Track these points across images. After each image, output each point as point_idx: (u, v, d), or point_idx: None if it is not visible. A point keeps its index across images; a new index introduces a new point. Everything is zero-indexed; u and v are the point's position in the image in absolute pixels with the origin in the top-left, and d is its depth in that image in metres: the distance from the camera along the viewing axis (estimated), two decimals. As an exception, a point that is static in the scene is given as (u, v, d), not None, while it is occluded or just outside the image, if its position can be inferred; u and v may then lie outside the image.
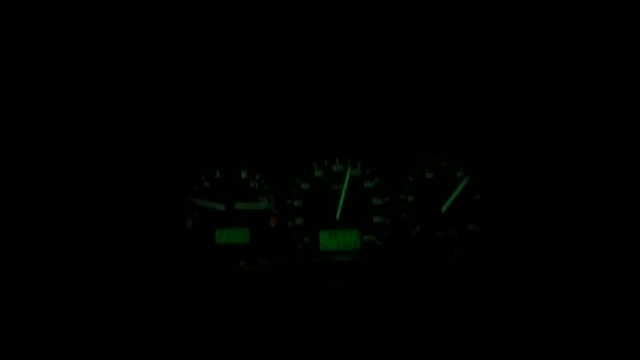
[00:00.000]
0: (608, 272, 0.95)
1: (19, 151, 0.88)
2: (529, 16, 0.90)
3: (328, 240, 1.15)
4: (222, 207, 1.15)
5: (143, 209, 1.07)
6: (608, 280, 0.95)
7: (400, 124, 1.12)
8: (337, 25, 0.96)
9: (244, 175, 1.17)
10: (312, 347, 0.89)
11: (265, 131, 1.14)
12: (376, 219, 1.15)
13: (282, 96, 1.09)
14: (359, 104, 1.11)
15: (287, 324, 0.93)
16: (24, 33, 0.82)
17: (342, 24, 0.96)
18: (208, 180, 1.16)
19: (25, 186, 0.89)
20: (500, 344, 0.89)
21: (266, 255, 1.13)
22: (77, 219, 0.96)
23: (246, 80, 1.06)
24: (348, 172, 1.16)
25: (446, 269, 1.10)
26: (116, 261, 1.00)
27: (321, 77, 1.06)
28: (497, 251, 1.12)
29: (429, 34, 0.98)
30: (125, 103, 1.02)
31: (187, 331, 0.92)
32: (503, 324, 0.92)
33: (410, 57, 1.03)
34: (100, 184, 1.00)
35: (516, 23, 0.92)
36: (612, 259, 0.96)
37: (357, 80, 1.08)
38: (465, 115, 1.10)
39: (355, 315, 0.94)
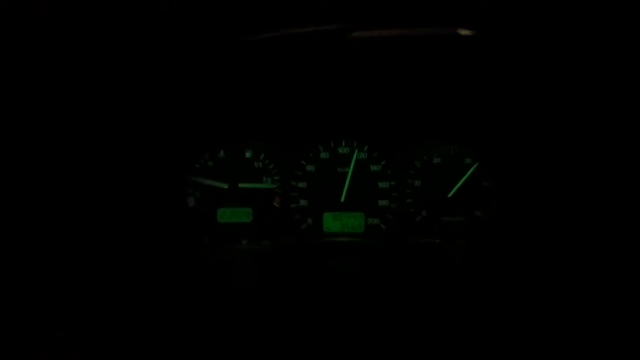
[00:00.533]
0: (612, 262, 0.94)
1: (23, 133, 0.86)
2: (532, 11, 0.89)
3: (332, 223, 1.13)
4: (225, 186, 1.13)
5: (146, 186, 1.06)
6: (612, 270, 0.93)
7: (409, 109, 1.11)
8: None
9: (248, 155, 1.15)
10: (313, 328, 0.88)
11: (272, 112, 1.12)
12: (382, 203, 1.14)
13: (291, 78, 1.08)
14: (369, 88, 1.09)
15: (288, 304, 0.91)
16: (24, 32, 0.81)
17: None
18: (212, 160, 1.15)
19: (26, 163, 0.88)
20: (501, 332, 0.88)
21: (269, 236, 1.12)
22: (81, 196, 0.95)
23: (255, 62, 1.05)
24: (355, 155, 1.14)
25: (451, 254, 1.09)
26: (119, 239, 0.98)
27: (332, 60, 1.05)
28: (503, 239, 1.10)
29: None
30: (132, 83, 1.00)
31: (189, 310, 0.91)
32: (505, 312, 0.91)
33: (420, 46, 1.02)
34: (105, 163, 0.99)
35: (521, 19, 0.91)
36: (617, 250, 0.94)
37: (368, 64, 1.06)
38: (475, 102, 1.09)
39: (356, 297, 0.92)
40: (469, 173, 1.13)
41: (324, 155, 1.15)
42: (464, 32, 1.04)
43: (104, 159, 0.99)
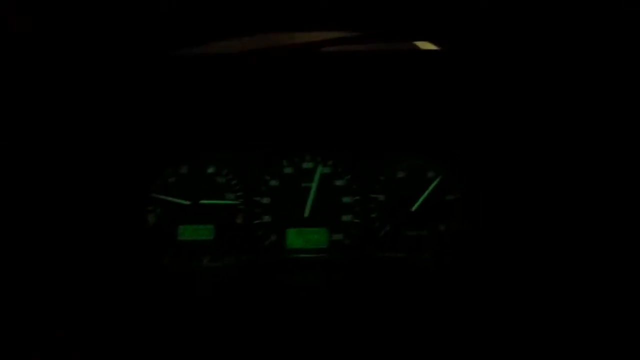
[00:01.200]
0: (584, 275, 0.94)
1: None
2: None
3: (295, 238, 1.12)
4: (186, 202, 1.11)
5: (105, 202, 1.04)
6: (584, 283, 0.94)
7: (373, 122, 1.11)
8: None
9: (211, 170, 1.13)
10: (276, 344, 0.86)
11: (234, 127, 1.11)
12: (345, 218, 1.13)
13: (254, 92, 1.07)
14: (331, 102, 1.09)
15: (251, 322, 0.89)
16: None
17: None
18: (173, 175, 1.13)
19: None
20: (469, 345, 0.87)
21: (231, 252, 1.10)
22: (36, 211, 0.92)
23: (220, 76, 1.04)
24: (319, 169, 1.13)
25: (415, 268, 1.08)
26: (77, 256, 0.96)
27: (295, 73, 1.05)
28: (468, 251, 1.10)
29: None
30: (90, 96, 0.98)
31: (149, 330, 0.88)
32: (472, 326, 0.90)
33: (382, 57, 1.02)
34: (62, 176, 0.97)
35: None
36: (590, 262, 0.95)
37: (329, 78, 1.06)
38: (438, 115, 1.09)
39: (320, 312, 0.91)
40: (432, 186, 1.12)
41: (287, 170, 1.14)
42: (428, 47, 1.05)
43: (62, 180, 0.97)
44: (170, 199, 1.11)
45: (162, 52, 0.98)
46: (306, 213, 1.12)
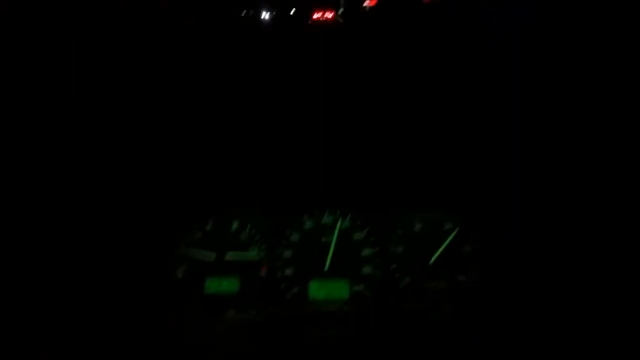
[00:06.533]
0: (607, 318, 0.95)
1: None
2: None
3: (317, 290, 1.15)
4: (212, 257, 1.16)
5: (136, 256, 1.09)
6: (607, 322, 0.94)
7: (390, 176, 1.15)
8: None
9: (235, 226, 1.18)
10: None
11: (255, 184, 1.16)
12: (365, 270, 1.16)
13: (272, 149, 1.13)
14: (349, 158, 1.14)
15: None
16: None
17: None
18: (200, 231, 1.18)
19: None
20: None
21: (255, 305, 1.13)
22: (67, 264, 0.97)
23: (235, 131, 1.10)
24: (338, 224, 1.17)
25: (435, 321, 1.10)
26: (106, 308, 1.00)
27: (309, 128, 1.10)
28: (488, 303, 1.11)
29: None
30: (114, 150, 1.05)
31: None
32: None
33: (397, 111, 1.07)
34: (96, 230, 1.03)
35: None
36: (616, 323, 0.95)
37: (345, 133, 1.11)
38: (455, 168, 1.13)
39: None
40: (449, 238, 1.15)
41: (308, 225, 1.18)
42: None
43: (96, 234, 1.02)
44: (197, 253, 1.16)
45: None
46: (326, 266, 1.15)
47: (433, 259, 1.14)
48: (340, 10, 1.25)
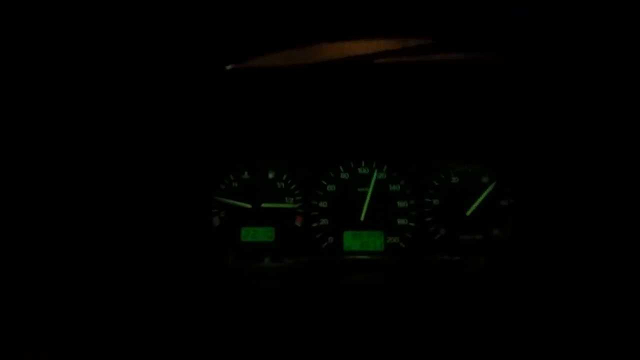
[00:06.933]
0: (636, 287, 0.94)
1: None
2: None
3: (352, 241, 1.16)
4: (248, 206, 1.17)
5: (172, 206, 1.11)
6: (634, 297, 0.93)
7: (427, 128, 1.14)
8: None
9: (271, 175, 1.19)
10: (331, 342, 0.90)
11: (293, 133, 1.17)
12: (400, 221, 1.16)
13: (312, 100, 1.13)
14: (387, 108, 1.13)
15: (308, 319, 0.93)
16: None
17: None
18: (236, 180, 1.19)
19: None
20: (521, 349, 0.88)
21: (290, 254, 1.15)
22: (104, 213, 0.99)
23: (279, 88, 1.10)
24: (374, 175, 1.17)
25: (470, 272, 1.10)
26: (144, 254, 1.02)
27: (351, 81, 1.09)
28: (522, 257, 1.11)
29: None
30: (155, 105, 1.05)
31: (210, 325, 0.93)
32: (525, 330, 0.91)
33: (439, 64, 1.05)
34: (131, 182, 1.04)
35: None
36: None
37: (385, 88, 1.10)
38: (492, 120, 1.12)
39: (375, 313, 0.94)
40: (486, 192, 1.14)
41: (344, 175, 1.18)
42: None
43: (131, 186, 1.04)
44: (233, 202, 1.17)
45: (224, 65, 1.04)
46: (362, 217, 1.16)
47: (470, 211, 1.14)
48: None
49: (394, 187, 1.17)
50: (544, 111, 1.05)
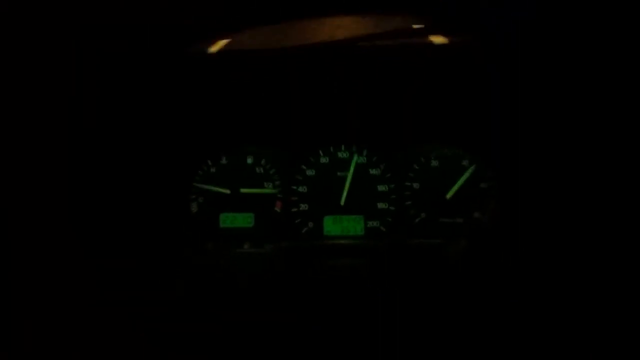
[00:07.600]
0: (617, 270, 0.94)
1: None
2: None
3: (332, 226, 1.15)
4: (227, 192, 1.15)
5: (150, 192, 1.08)
6: (617, 272, 0.94)
7: (407, 112, 1.13)
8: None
9: (249, 160, 1.18)
10: (312, 327, 0.89)
11: (271, 118, 1.15)
12: (381, 205, 1.15)
13: (290, 84, 1.11)
14: (366, 92, 1.12)
15: (289, 305, 0.93)
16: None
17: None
18: (214, 166, 1.17)
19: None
20: (501, 332, 0.88)
21: (270, 239, 1.13)
22: (86, 199, 0.97)
23: (255, 70, 1.08)
24: (354, 159, 1.16)
25: (450, 255, 1.10)
26: (122, 242, 1.00)
27: (330, 65, 1.08)
28: (502, 239, 1.11)
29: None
30: (133, 93, 1.03)
31: (189, 313, 0.92)
32: (502, 314, 0.92)
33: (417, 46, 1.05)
34: (109, 169, 1.02)
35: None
36: (623, 257, 0.94)
37: (364, 69, 1.09)
38: (471, 104, 1.11)
39: (355, 297, 0.94)
40: (466, 174, 1.14)
41: (323, 160, 1.17)
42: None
43: (109, 173, 1.01)
44: (211, 188, 1.16)
45: (198, 50, 1.02)
46: (342, 201, 1.15)
47: (450, 194, 1.14)
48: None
49: (374, 171, 1.16)
50: (524, 93, 1.05)
